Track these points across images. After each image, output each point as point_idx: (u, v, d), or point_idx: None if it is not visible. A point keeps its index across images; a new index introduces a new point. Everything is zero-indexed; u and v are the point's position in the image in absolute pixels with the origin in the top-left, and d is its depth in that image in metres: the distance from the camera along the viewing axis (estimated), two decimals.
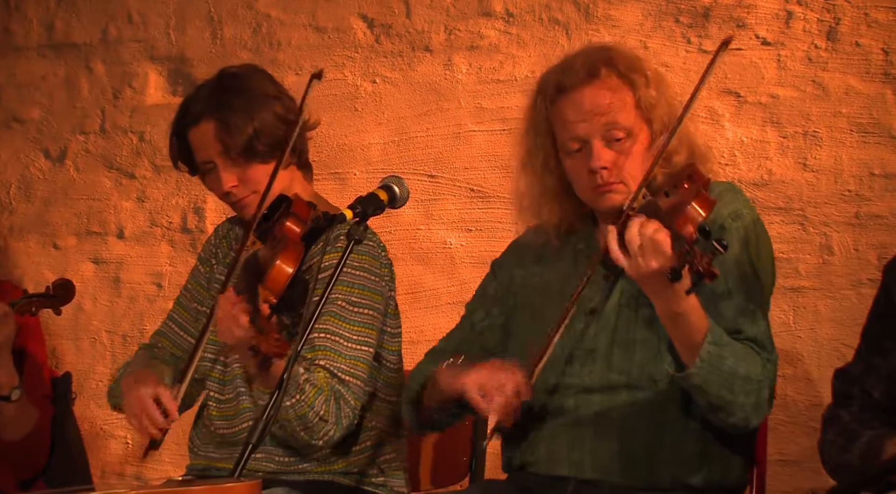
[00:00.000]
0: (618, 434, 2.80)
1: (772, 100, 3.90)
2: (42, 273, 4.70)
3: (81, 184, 4.75)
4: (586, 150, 2.84)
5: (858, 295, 3.76)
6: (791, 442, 3.78)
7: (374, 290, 3.17)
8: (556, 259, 3.02)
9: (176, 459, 4.46)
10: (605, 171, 2.82)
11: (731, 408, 2.69)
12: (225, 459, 3.19)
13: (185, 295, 3.48)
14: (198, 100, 3.27)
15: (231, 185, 3.22)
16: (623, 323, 2.85)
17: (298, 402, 2.99)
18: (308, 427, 3.01)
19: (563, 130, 2.88)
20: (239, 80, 3.26)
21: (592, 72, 2.85)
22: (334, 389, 3.04)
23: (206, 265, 3.46)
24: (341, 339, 3.09)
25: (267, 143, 3.20)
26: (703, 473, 2.81)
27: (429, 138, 4.29)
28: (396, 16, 4.35)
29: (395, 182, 2.97)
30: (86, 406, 4.60)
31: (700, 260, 2.44)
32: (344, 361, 3.08)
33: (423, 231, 4.27)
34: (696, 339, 2.63)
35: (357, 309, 3.13)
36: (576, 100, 2.85)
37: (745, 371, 2.68)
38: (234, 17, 4.57)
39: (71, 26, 4.79)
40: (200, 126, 3.23)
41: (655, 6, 4.04)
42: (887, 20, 3.80)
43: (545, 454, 2.86)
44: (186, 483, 2.83)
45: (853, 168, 3.81)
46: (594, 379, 2.83)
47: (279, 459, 3.16)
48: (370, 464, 3.21)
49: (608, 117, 2.83)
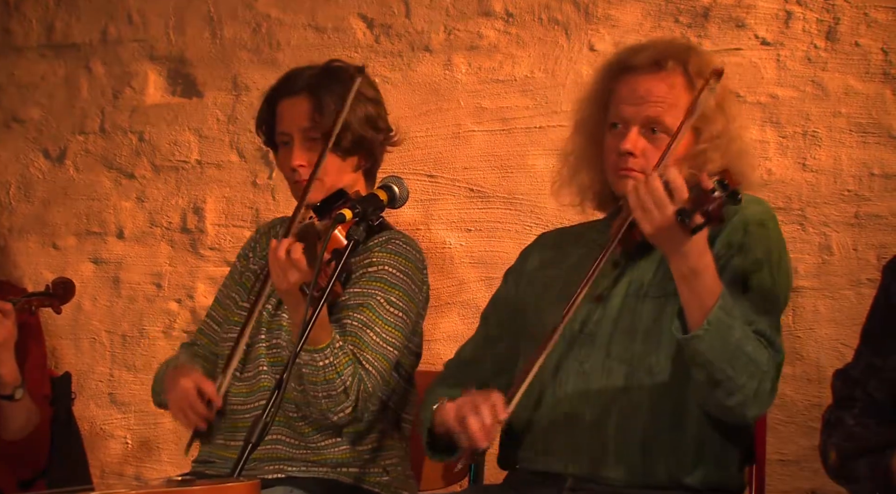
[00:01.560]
0: (614, 428, 2.80)
1: (771, 100, 3.90)
2: (41, 273, 4.71)
3: (81, 184, 4.75)
4: (623, 131, 2.89)
5: (858, 295, 3.76)
6: (790, 442, 3.79)
7: (412, 298, 3.21)
8: (569, 249, 3.06)
9: (175, 459, 4.47)
10: (630, 157, 2.87)
11: (731, 386, 2.66)
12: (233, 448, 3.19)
13: (222, 292, 3.49)
14: (301, 75, 3.30)
15: (299, 164, 3.24)
16: (627, 311, 2.85)
17: (330, 365, 3.01)
18: (331, 395, 3.03)
19: (613, 106, 2.93)
20: (346, 73, 3.27)
21: (659, 62, 2.89)
22: (358, 371, 3.07)
23: (242, 259, 3.49)
24: (372, 333, 3.11)
25: (351, 140, 3.24)
26: (700, 471, 2.80)
27: (428, 138, 4.29)
28: (396, 16, 4.35)
29: (395, 182, 2.99)
30: (85, 406, 4.60)
31: (711, 202, 2.49)
32: (370, 353, 3.10)
33: (422, 231, 4.27)
34: (708, 303, 2.62)
35: (393, 310, 3.15)
36: (633, 83, 2.90)
37: (751, 350, 2.66)
38: (234, 17, 4.57)
39: (70, 26, 4.79)
40: (295, 98, 3.26)
41: (655, 6, 4.04)
42: (887, 20, 3.80)
43: (542, 444, 2.86)
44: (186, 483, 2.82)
45: (852, 168, 3.81)
46: (592, 364, 2.83)
47: (289, 440, 3.17)
48: (373, 465, 3.22)
49: (655, 110, 2.86)
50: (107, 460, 4.62)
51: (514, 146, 4.19)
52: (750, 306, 2.74)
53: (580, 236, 3.10)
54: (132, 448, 4.62)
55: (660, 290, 2.84)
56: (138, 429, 4.61)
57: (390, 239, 3.22)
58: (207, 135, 4.58)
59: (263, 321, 3.24)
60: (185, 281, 4.58)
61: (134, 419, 4.61)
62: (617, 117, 2.91)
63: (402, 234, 3.26)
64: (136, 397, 4.59)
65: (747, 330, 2.68)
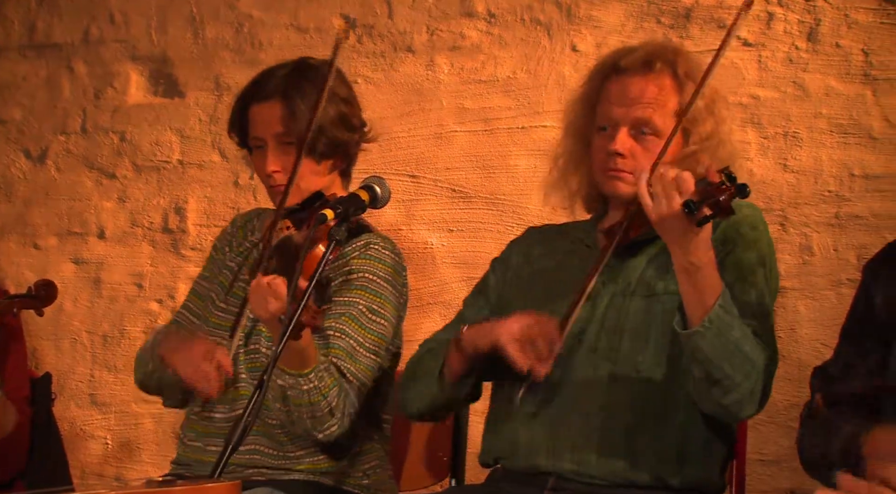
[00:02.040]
0: (598, 425, 2.80)
1: (752, 100, 3.91)
2: (22, 273, 4.69)
3: (62, 185, 4.74)
4: (612, 133, 2.89)
5: (838, 295, 3.77)
6: (771, 442, 3.79)
7: (393, 304, 3.19)
8: (558, 252, 3.07)
9: (156, 459, 4.46)
10: (619, 158, 2.87)
11: (728, 384, 2.68)
12: (212, 453, 3.17)
13: (199, 284, 3.45)
14: (272, 77, 3.25)
15: (274, 170, 3.20)
16: (614, 310, 2.86)
17: (315, 388, 2.99)
18: (316, 416, 3.01)
19: (601, 108, 2.94)
20: (317, 72, 3.22)
21: (649, 64, 2.91)
22: (343, 386, 3.05)
23: (219, 253, 3.45)
24: (356, 344, 3.09)
25: (326, 144, 3.20)
26: (683, 470, 2.80)
27: (410, 138, 4.29)
28: (378, 16, 4.35)
29: (377, 182, 2.98)
30: (65, 406, 4.59)
31: (720, 194, 2.51)
32: (354, 364, 3.08)
33: (404, 231, 4.27)
34: (708, 300, 2.64)
35: (375, 318, 3.14)
36: (623, 84, 2.91)
37: (749, 349, 2.68)
38: (216, 17, 4.57)
39: (52, 26, 4.78)
40: (267, 103, 3.21)
41: (637, 7, 4.05)
42: (867, 21, 3.82)
43: (526, 442, 2.86)
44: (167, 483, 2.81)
45: (833, 169, 3.82)
46: (579, 362, 2.84)
47: (266, 451, 3.15)
48: (354, 469, 3.21)
49: (644, 111, 2.88)
50: (87, 461, 4.61)
51: (497, 146, 4.19)
52: (745, 308, 2.75)
53: (566, 234, 3.10)
54: (112, 449, 4.61)
55: (647, 289, 2.85)
56: (119, 430, 4.59)
57: (369, 243, 3.19)
58: (189, 135, 4.57)
59: (241, 326, 3.21)
60: (166, 282, 4.57)
61: (114, 419, 4.59)
62: (605, 118, 2.92)
63: (381, 237, 3.24)
64: (116, 398, 4.58)
65: (746, 329, 2.70)
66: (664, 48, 2.97)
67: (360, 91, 4.31)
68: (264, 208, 3.48)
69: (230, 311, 3.26)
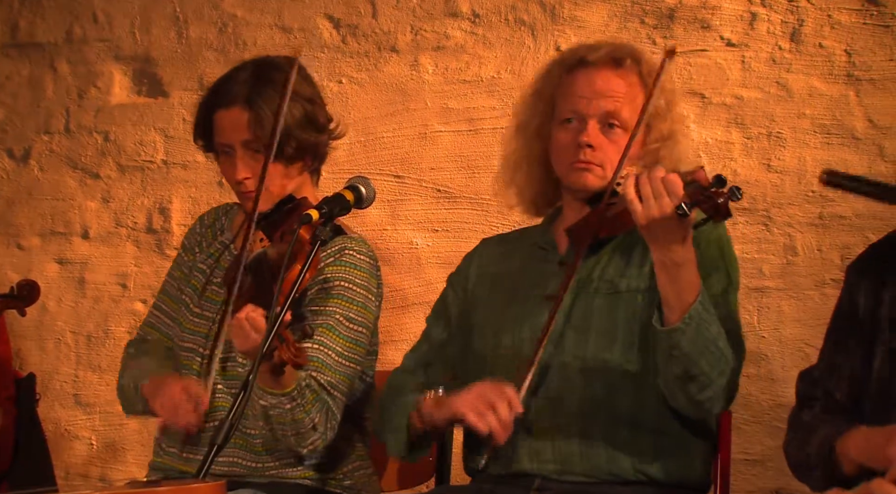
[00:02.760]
0: (576, 425, 2.81)
1: (736, 101, 3.92)
2: (6, 273, 4.67)
3: (46, 184, 4.72)
4: (579, 126, 2.89)
5: (822, 295, 3.78)
6: (755, 442, 3.80)
7: (369, 309, 3.16)
8: (514, 256, 3.06)
9: (140, 460, 4.45)
10: (589, 150, 2.87)
11: (704, 381, 2.69)
12: (189, 460, 3.17)
13: (170, 284, 3.41)
14: (234, 82, 3.19)
15: (245, 176, 3.17)
16: (579, 309, 2.86)
17: (298, 406, 2.96)
18: (300, 432, 3.00)
19: (566, 101, 2.93)
20: (279, 73, 3.17)
21: (617, 60, 2.92)
22: (324, 400, 3.04)
23: (189, 253, 3.40)
24: (334, 354, 3.07)
25: (295, 147, 3.16)
26: (662, 463, 2.81)
27: (395, 139, 4.29)
28: (362, 16, 4.35)
29: (362, 182, 2.97)
30: (50, 407, 4.58)
31: (719, 196, 2.51)
32: (333, 376, 3.06)
33: (389, 231, 4.27)
34: (687, 297, 2.65)
35: (353, 326, 3.11)
36: (591, 76, 2.91)
37: (723, 345, 2.70)
38: (200, 16, 4.56)
39: (35, 26, 4.76)
40: (231, 110, 3.16)
41: (621, 7, 4.05)
42: (850, 22, 3.83)
43: (508, 454, 2.86)
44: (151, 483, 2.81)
45: (817, 169, 3.83)
46: (548, 360, 2.83)
47: (245, 463, 3.14)
48: (336, 470, 3.20)
49: (613, 105, 2.88)
50: (71, 461, 4.60)
51: (481, 147, 4.19)
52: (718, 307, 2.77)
53: (521, 240, 3.10)
54: (97, 450, 4.60)
55: (610, 287, 2.86)
56: (103, 431, 4.58)
57: (343, 249, 3.15)
58: (173, 135, 4.56)
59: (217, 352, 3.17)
60: (150, 282, 4.55)
61: (99, 420, 4.58)
62: (571, 112, 2.91)
63: (355, 240, 3.20)
64: (101, 398, 4.57)
65: (721, 327, 2.71)
66: (629, 48, 2.99)
67: (345, 91, 4.33)
68: (231, 203, 3.44)
69: (205, 316, 3.23)
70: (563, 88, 2.95)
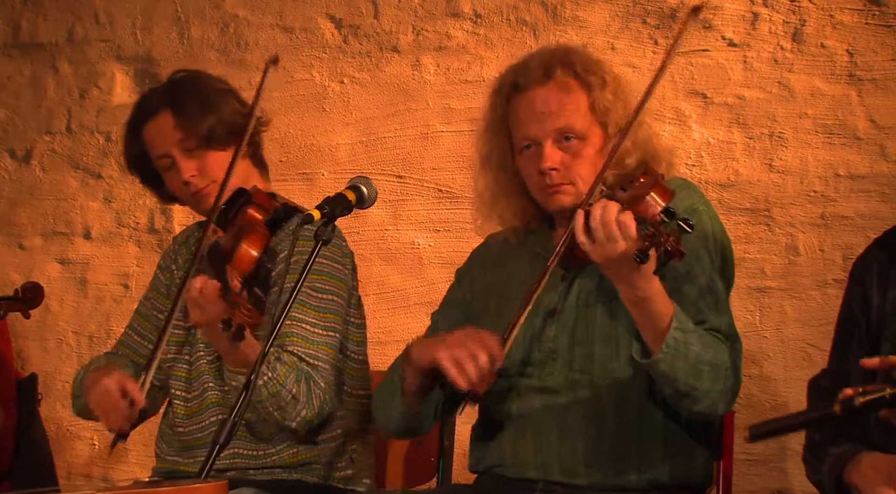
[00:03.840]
0: (583, 434, 2.81)
1: (738, 101, 3.92)
2: (8, 273, 4.68)
3: (47, 185, 4.72)
4: (537, 150, 2.85)
5: (824, 295, 3.78)
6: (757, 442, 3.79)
7: (337, 278, 3.18)
8: (515, 261, 3.04)
9: (142, 460, 4.45)
10: (554, 172, 2.83)
11: (697, 395, 2.69)
12: (191, 463, 3.18)
13: (144, 305, 3.46)
14: (152, 96, 3.29)
15: (190, 175, 3.20)
16: (582, 322, 2.86)
17: (270, 380, 2.99)
18: (281, 406, 3.01)
19: (517, 129, 2.89)
20: (190, 79, 3.29)
21: (547, 72, 2.86)
22: (303, 370, 3.05)
23: (165, 272, 3.45)
24: (307, 325, 3.09)
25: (225, 131, 3.21)
26: (668, 468, 2.81)
27: (397, 139, 4.29)
28: (364, 16, 4.35)
29: (364, 182, 2.97)
30: (52, 407, 4.58)
31: (667, 240, 2.46)
32: (311, 346, 3.08)
33: (391, 231, 4.27)
34: (662, 326, 2.64)
35: (322, 296, 3.14)
36: (529, 99, 2.86)
37: (711, 357, 2.69)
38: (201, 17, 4.56)
39: (37, 26, 4.77)
40: (158, 118, 3.23)
41: (623, 7, 4.05)
42: (852, 22, 3.83)
43: (511, 457, 2.87)
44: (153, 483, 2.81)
45: (818, 169, 3.83)
46: (557, 379, 2.84)
47: (247, 453, 3.15)
48: (338, 455, 3.21)
49: (560, 119, 2.83)
50: (73, 461, 4.60)
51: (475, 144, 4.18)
52: (698, 302, 2.76)
53: (523, 244, 3.05)
54: (99, 450, 4.60)
55: (608, 295, 2.83)
56: (105, 431, 4.57)
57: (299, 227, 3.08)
58: None
59: (201, 337, 3.21)
60: None
61: None
62: (525, 138, 2.87)
63: None
64: None
65: (704, 337, 2.70)
66: (555, 53, 2.92)
67: (346, 91, 4.34)
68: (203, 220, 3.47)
69: (185, 326, 3.26)
70: (509, 117, 2.91)
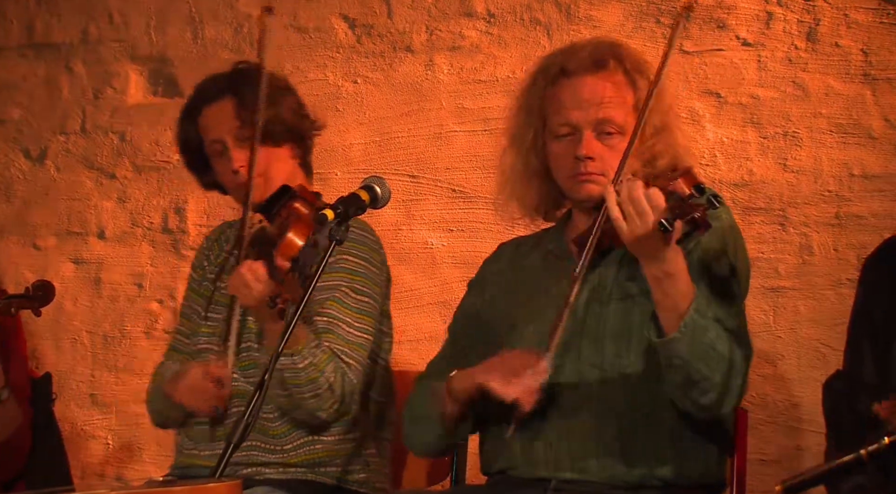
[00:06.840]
0: (593, 431, 2.80)
1: (752, 100, 3.91)
2: (22, 273, 4.69)
3: (62, 184, 4.73)
4: (575, 137, 2.85)
5: (838, 295, 3.77)
6: (771, 442, 3.80)
7: (374, 281, 3.23)
8: (527, 259, 3.05)
9: (158, 460, 4.46)
10: (590, 161, 2.83)
11: (706, 385, 2.68)
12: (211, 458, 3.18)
13: (183, 305, 3.49)
14: (216, 81, 3.33)
15: (240, 165, 3.23)
16: (592, 318, 2.85)
17: (311, 365, 3.02)
18: (318, 393, 3.04)
19: (556, 113, 2.88)
20: (256, 71, 3.28)
21: (600, 63, 2.86)
22: (339, 363, 3.08)
23: (198, 270, 3.48)
24: (344, 325, 3.13)
25: (282, 128, 3.25)
26: (679, 465, 2.81)
27: (410, 138, 4.29)
28: (378, 16, 4.35)
29: (377, 182, 2.97)
30: (66, 406, 4.59)
31: (696, 209, 2.49)
32: (346, 345, 3.12)
33: (404, 231, 4.27)
34: (682, 307, 2.64)
35: (359, 298, 3.18)
36: (576, 86, 2.85)
37: (722, 349, 2.68)
38: (215, 17, 4.56)
39: (51, 26, 4.78)
40: (219, 103, 3.28)
41: (636, 7, 4.05)
42: (866, 21, 3.82)
43: (523, 457, 2.86)
44: (167, 483, 2.82)
45: (833, 168, 3.82)
46: (566, 373, 2.83)
47: (263, 447, 3.16)
48: (354, 457, 3.22)
49: (604, 111, 2.83)
50: (88, 461, 4.61)
51: (496, 146, 4.15)
52: (719, 305, 2.75)
53: (537, 247, 3.06)
54: (113, 449, 4.61)
55: (622, 292, 2.84)
56: (119, 430, 4.59)
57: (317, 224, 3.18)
58: None
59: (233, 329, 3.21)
60: (166, 282, 4.57)
61: (115, 420, 4.60)
62: (564, 124, 2.86)
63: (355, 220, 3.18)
64: (117, 398, 4.58)
65: (719, 329, 2.70)
66: (609, 45, 2.92)
67: (360, 91, 4.34)
68: (233, 221, 3.49)
69: (215, 319, 3.29)
70: (550, 101, 2.90)
